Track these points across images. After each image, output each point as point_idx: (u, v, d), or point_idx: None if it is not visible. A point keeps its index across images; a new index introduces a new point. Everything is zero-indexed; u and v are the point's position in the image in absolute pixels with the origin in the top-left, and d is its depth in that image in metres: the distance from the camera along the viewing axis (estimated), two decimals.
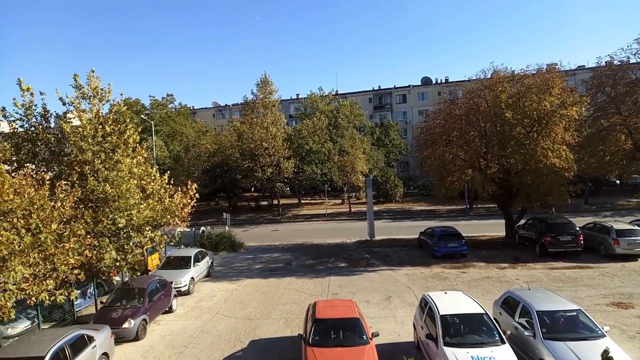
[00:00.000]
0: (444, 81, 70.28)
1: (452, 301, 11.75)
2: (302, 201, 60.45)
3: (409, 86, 72.24)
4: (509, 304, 12.53)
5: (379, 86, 74.95)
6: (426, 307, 11.88)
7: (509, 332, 11.29)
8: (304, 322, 12.69)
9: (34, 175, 13.32)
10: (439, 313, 10.87)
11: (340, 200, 57.82)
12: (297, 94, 74.82)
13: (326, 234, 35.41)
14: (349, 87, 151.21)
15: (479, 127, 26.14)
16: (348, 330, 11.18)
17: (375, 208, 41.62)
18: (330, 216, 48.06)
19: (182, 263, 20.94)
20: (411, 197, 58.86)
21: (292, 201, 60.98)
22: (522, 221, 27.48)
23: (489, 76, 26.48)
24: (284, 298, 18.50)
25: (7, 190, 10.85)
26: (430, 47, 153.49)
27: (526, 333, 10.76)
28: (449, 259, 23.78)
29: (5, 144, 15.30)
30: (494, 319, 11.49)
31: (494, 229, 31.46)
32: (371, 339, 10.90)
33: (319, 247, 30.35)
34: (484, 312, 11.01)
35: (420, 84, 72.93)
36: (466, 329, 10.60)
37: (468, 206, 47.22)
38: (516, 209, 27.72)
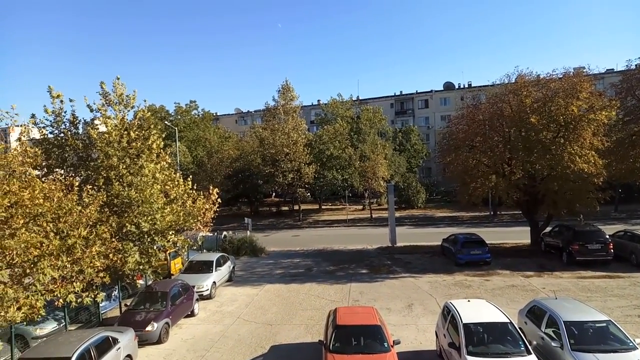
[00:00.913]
0: (466, 86, 69.50)
1: (476, 309, 11.52)
2: (323, 207, 60.45)
3: (431, 91, 71.63)
4: (535, 313, 12.20)
5: (401, 91, 74.59)
6: (449, 315, 11.68)
7: (534, 343, 10.99)
8: (324, 328, 12.63)
9: (63, 180, 13.71)
10: (461, 321, 10.67)
11: (361, 206, 57.58)
12: (318, 100, 75.12)
13: (347, 239, 35.27)
14: (371, 92, 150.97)
15: (503, 132, 25.67)
16: (369, 338, 11.07)
17: (397, 214, 41.24)
18: (351, 222, 47.87)
19: (204, 267, 21.15)
20: (433, 204, 58.16)
21: (313, 207, 61.02)
22: (548, 228, 26.80)
23: (513, 80, 26.05)
24: (305, 304, 18.47)
25: (38, 195, 11.17)
26: (453, 52, 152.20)
27: (553, 344, 10.44)
28: (472, 267, 23.36)
29: (37, 149, 15.80)
30: (519, 328, 11.19)
31: (519, 236, 30.79)
32: (392, 346, 10.76)
33: (340, 253, 30.23)
34: (508, 321, 10.74)
35: (442, 89, 72.22)
36: (490, 339, 10.37)
37: (492, 213, 46.36)
38: (542, 215, 27.08)
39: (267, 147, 47.76)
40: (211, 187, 19.08)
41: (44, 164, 15.85)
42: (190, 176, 19.52)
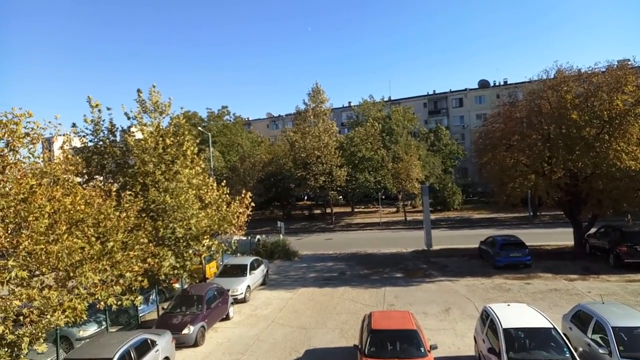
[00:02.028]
0: (502, 83, 67.59)
1: (516, 314, 11.10)
2: (356, 209, 60.14)
3: (465, 90, 70.13)
4: (581, 318, 11.65)
5: (434, 90, 73.35)
6: (488, 320, 11.31)
7: (580, 349, 10.47)
8: (359, 332, 12.49)
9: (102, 187, 14.18)
10: (501, 326, 10.29)
11: (395, 209, 56.89)
12: (349, 102, 74.91)
13: (381, 243, 34.90)
14: (403, 92, 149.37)
15: (542, 130, 24.74)
16: (405, 342, 10.85)
17: (432, 216, 40.52)
18: (385, 225, 47.36)
19: (239, 271, 21.37)
20: (470, 205, 56.80)
21: (345, 209, 60.81)
22: (593, 229, 25.65)
23: (552, 76, 25.08)
24: (339, 308, 18.35)
25: (79, 201, 11.57)
26: (487, 49, 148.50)
27: (601, 351, 9.92)
28: (511, 270, 22.61)
29: (78, 157, 16.44)
30: (564, 334, 10.70)
31: (561, 237, 29.60)
32: (429, 351, 10.51)
33: (374, 256, 29.93)
34: (552, 326, 10.27)
35: (477, 87, 70.60)
36: (532, 344, 9.96)
37: (532, 214, 44.80)
38: (586, 216, 25.94)
39: (298, 150, 47.99)
40: (244, 191, 19.33)
41: (84, 171, 16.44)
42: (224, 181, 19.82)
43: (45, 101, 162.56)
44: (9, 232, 9.49)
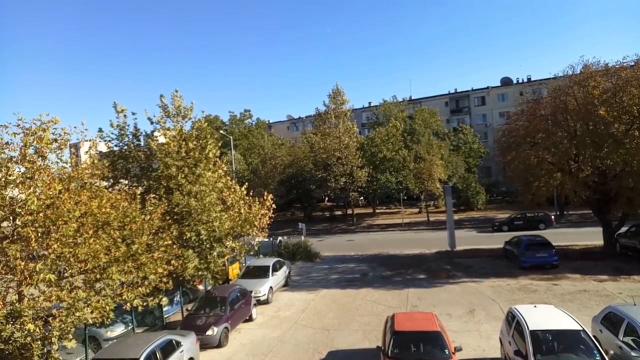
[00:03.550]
0: (525, 80, 66.25)
1: (544, 315, 10.85)
2: (377, 210, 59.81)
3: (487, 88, 69.03)
4: (612, 320, 11.29)
5: (455, 89, 72.40)
6: (514, 322, 11.08)
7: (611, 352, 10.16)
8: (382, 334, 12.41)
9: (127, 190, 14.49)
10: (528, 328, 10.06)
11: (417, 209, 56.32)
12: (369, 102, 74.62)
13: (403, 244, 34.61)
14: (423, 91, 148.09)
15: (568, 127, 24.12)
16: (429, 344, 10.73)
17: (456, 217, 39.96)
18: (407, 226, 46.94)
19: (261, 272, 21.52)
20: (494, 205, 55.75)
21: (367, 210, 60.54)
22: (624, 229, 24.83)
23: (578, 71, 24.42)
24: (362, 309, 18.27)
25: (105, 204, 11.86)
26: (510, 46, 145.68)
27: (633, 354, 9.61)
28: (537, 270, 22.11)
29: (104, 161, 16.84)
30: (594, 336, 10.38)
31: (590, 237, 28.79)
32: (454, 353, 10.37)
33: (396, 257, 29.70)
34: (581, 328, 9.99)
35: (499, 84, 69.40)
36: (561, 347, 9.71)
37: (558, 213, 43.71)
38: (615, 215, 25.15)
39: (319, 151, 48.03)
40: (266, 193, 19.47)
41: (110, 175, 16.83)
42: (246, 183, 20.00)
43: (74, 108, 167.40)
44: (39, 235, 9.78)
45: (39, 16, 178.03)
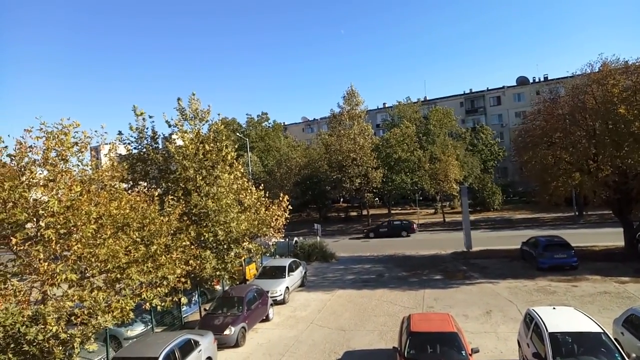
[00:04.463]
0: (542, 79, 65.31)
1: (563, 317, 10.68)
2: (393, 211, 59.54)
3: (503, 87, 68.23)
4: (634, 323, 11.08)
5: (471, 89, 71.74)
6: (532, 323, 10.95)
7: (634, 355, 9.99)
8: (398, 335, 12.39)
9: (146, 192, 14.73)
10: (547, 330, 9.93)
11: (433, 210, 55.93)
12: (384, 103, 74.40)
13: (419, 245, 34.42)
14: (438, 92, 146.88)
15: (587, 126, 23.72)
16: (445, 345, 10.68)
17: (472, 217, 39.58)
18: (423, 226, 46.63)
19: (278, 273, 21.64)
20: (511, 205, 55.09)
21: (382, 211, 60.32)
22: None
23: (596, 69, 24.02)
24: (378, 310, 18.25)
25: (125, 206, 12.09)
26: (526, 45, 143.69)
27: None
28: (556, 272, 21.76)
29: (123, 164, 17.15)
30: (615, 339, 10.19)
31: (610, 238, 28.24)
32: (471, 355, 10.30)
33: (412, 258, 29.56)
34: (602, 330, 9.83)
35: (515, 84, 68.54)
36: (581, 350, 9.55)
37: (577, 213, 42.98)
38: (637, 215, 24.62)
39: (334, 153, 48.07)
40: (282, 195, 19.60)
41: (129, 177, 17.12)
42: (262, 185, 20.16)
43: (91, 110, 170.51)
44: (60, 236, 10.02)
45: (56, 21, 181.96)
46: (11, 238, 9.73)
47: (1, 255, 10.62)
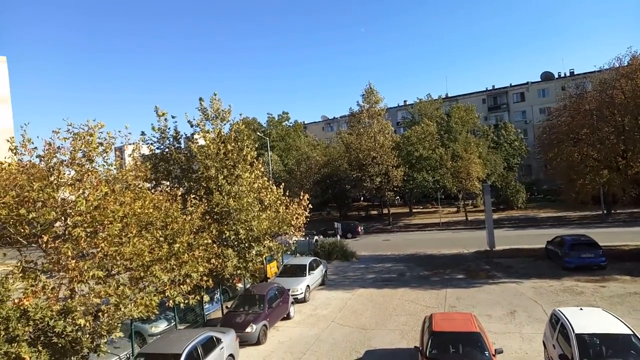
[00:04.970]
0: (568, 74, 63.63)
1: (590, 319, 10.40)
2: (414, 210, 59.07)
3: (527, 83, 66.76)
4: None
5: (493, 86, 70.52)
6: (558, 324, 10.69)
7: None
8: (420, 334, 12.30)
9: (169, 191, 14.97)
10: (574, 331, 9.68)
11: (455, 209, 55.23)
12: (405, 101, 73.83)
13: (441, 244, 34.04)
14: (460, 89, 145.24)
15: (615, 122, 23.07)
16: (468, 345, 10.53)
17: (495, 216, 38.98)
18: (445, 225, 46.16)
19: (298, 271, 21.72)
20: (535, 203, 53.95)
21: (403, 210, 59.91)
22: None
23: (625, 63, 23.32)
24: (399, 309, 18.13)
25: (149, 205, 12.31)
26: (551, 39, 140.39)
27: None
28: (583, 271, 21.21)
29: (147, 164, 17.45)
30: None
31: None
32: (494, 355, 10.13)
33: (434, 257, 29.27)
34: (631, 332, 9.53)
35: (540, 79, 66.98)
36: (610, 352, 9.28)
37: (605, 212, 41.75)
38: None
39: (354, 152, 47.90)
40: (302, 193, 19.66)
41: (152, 177, 17.40)
42: (282, 183, 20.26)
43: (115, 111, 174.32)
44: (88, 235, 10.29)
45: (78, 26, 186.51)
46: (41, 236, 10.05)
47: (31, 252, 10.97)
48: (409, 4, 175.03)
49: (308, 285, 20.82)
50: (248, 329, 14.92)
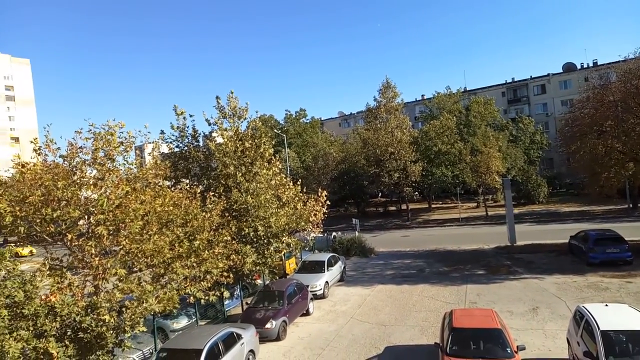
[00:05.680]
0: (591, 65, 61.99)
1: (616, 315, 10.17)
2: (433, 205, 58.52)
3: (548, 75, 65.29)
4: None
5: (513, 78, 69.20)
6: (582, 321, 10.48)
7: None
8: (440, 330, 12.20)
9: (188, 189, 15.15)
10: (599, 328, 9.47)
11: (475, 204, 54.51)
12: (422, 95, 73.05)
13: (460, 239, 33.65)
14: (479, 82, 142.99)
15: None
16: (489, 342, 10.40)
17: (516, 211, 38.33)
18: (465, 221, 45.60)
19: (317, 267, 21.75)
20: (557, 198, 52.88)
21: (422, 206, 59.41)
22: None
23: None
24: (418, 305, 18.01)
25: (168, 203, 12.48)
26: (572, 29, 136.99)
27: None
28: (608, 267, 20.70)
29: (166, 162, 17.70)
30: None
31: None
32: (516, 352, 9.97)
33: (453, 253, 28.97)
34: None
35: (562, 71, 65.44)
36: (636, 349, 9.07)
37: (631, 205, 40.63)
38: None
39: (371, 147, 47.58)
40: (320, 190, 19.68)
41: (172, 175, 17.65)
42: (300, 180, 20.30)
43: (134, 111, 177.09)
44: (110, 233, 10.50)
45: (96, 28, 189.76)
46: (66, 234, 10.31)
47: (57, 250, 11.26)
48: (428, 3, 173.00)
49: (327, 282, 20.85)
50: (268, 325, 15.02)
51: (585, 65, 63.62)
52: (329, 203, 20.25)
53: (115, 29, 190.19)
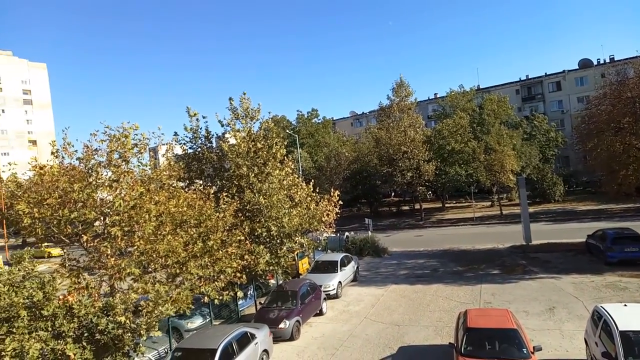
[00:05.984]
0: (607, 61, 60.83)
1: (635, 315, 9.96)
2: (446, 205, 58.04)
3: (563, 72, 64.23)
4: None
5: (527, 75, 68.25)
6: (600, 321, 10.29)
7: None
8: (454, 330, 12.10)
9: (202, 190, 15.29)
10: (617, 329, 9.29)
11: (490, 203, 53.93)
12: (435, 94, 72.53)
13: (475, 239, 33.31)
14: (492, 80, 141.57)
15: None
16: (505, 342, 10.29)
17: (531, 210, 37.83)
18: (479, 220, 45.14)
19: (330, 267, 21.73)
20: (574, 196, 52.02)
21: (435, 205, 58.99)
22: None
23: None
24: (432, 305, 17.89)
25: (182, 204, 12.62)
26: (588, 27, 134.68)
27: None
28: (626, 266, 20.29)
29: (180, 163, 17.88)
30: None
31: None
32: (533, 353, 9.84)
33: (468, 253, 28.70)
34: None
35: (577, 67, 64.35)
36: None
37: None
38: None
39: (384, 147, 47.34)
40: (333, 190, 19.69)
41: (185, 176, 17.82)
42: (312, 180, 20.32)
43: (148, 113, 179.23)
44: (125, 233, 10.64)
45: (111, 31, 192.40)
46: (82, 235, 10.48)
47: (73, 251, 11.46)
48: (441, 3, 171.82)
49: (340, 282, 20.82)
50: (281, 325, 15.06)
51: (601, 62, 62.46)
52: (342, 203, 20.23)
53: (131, 32, 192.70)
